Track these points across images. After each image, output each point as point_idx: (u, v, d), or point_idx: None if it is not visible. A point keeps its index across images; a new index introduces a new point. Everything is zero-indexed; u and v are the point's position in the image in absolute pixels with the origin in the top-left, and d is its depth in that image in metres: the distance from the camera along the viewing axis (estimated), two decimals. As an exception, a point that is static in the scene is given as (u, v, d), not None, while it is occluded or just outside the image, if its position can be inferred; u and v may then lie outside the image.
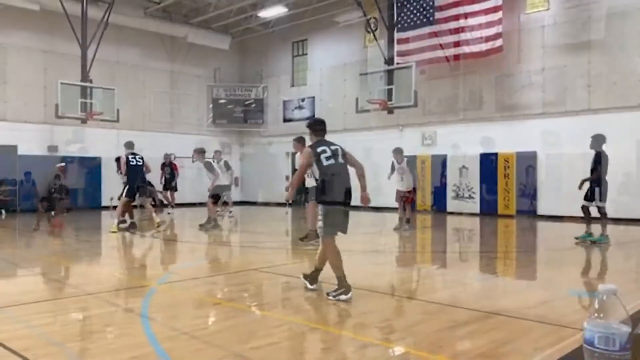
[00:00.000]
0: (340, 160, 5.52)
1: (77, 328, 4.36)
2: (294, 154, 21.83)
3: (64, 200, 15.37)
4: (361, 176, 5.64)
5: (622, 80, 13.77)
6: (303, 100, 21.77)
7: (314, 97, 21.32)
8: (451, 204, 16.92)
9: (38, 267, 7.54)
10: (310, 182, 7.96)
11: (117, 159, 12.54)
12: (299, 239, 9.48)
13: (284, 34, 21.99)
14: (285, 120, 22.46)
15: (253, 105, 23.20)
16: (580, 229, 9.64)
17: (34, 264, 7.83)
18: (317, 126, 5.76)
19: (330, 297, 5.16)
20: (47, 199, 14.78)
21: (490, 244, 10.34)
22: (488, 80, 16.13)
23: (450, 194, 17.05)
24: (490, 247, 9.99)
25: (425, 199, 17.65)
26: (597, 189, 9.32)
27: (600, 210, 9.21)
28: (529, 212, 15.28)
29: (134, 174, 11.49)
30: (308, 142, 6.04)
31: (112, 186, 19.21)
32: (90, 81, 17.16)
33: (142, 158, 11.81)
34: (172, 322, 4.36)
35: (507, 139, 15.70)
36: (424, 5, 16.87)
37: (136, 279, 6.34)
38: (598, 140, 9.71)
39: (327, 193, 5.35)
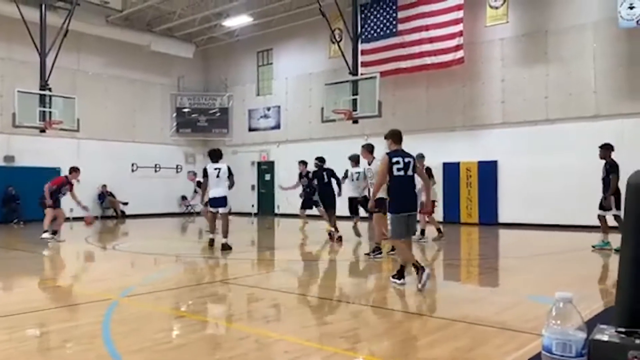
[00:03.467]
0: (410, 172, 6.25)
1: (35, 345, 4.22)
2: (259, 164, 21.79)
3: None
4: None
5: (578, 91, 14.25)
6: (269, 109, 21.75)
7: (279, 107, 21.33)
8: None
9: (-7, 282, 7.27)
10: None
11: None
12: (365, 254, 9.18)
13: (249, 43, 21.97)
14: (250, 130, 22.39)
15: (218, 114, 23.04)
16: (547, 236, 9.88)
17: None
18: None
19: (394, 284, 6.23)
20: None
21: (453, 252, 10.49)
22: (450, 91, 16.46)
23: (414, 202, 17.23)
24: (453, 255, 10.14)
25: (390, 208, 17.79)
26: (612, 198, 9.31)
27: (617, 218, 9.17)
28: (490, 220, 15.60)
29: None
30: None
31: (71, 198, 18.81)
32: (49, 89, 16.71)
33: None
34: (135, 336, 4.26)
35: (469, 148, 16.04)
36: (387, 17, 17.14)
37: (97, 292, 6.18)
38: (607, 149, 9.49)
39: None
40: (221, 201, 10.08)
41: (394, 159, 6.27)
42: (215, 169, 10.17)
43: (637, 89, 13.36)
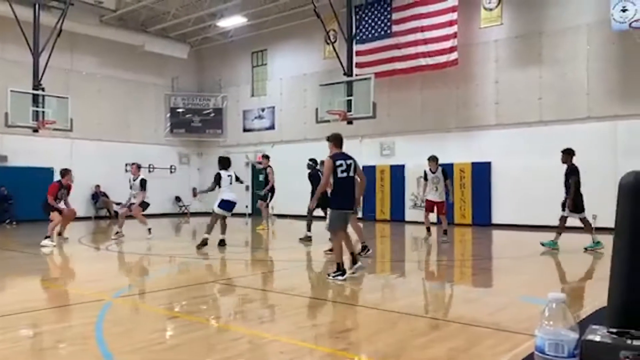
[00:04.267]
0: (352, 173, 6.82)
1: (28, 345, 4.20)
2: (253, 165, 21.76)
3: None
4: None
5: (571, 93, 14.33)
6: (263, 110, 21.74)
7: (274, 107, 21.32)
8: (409, 214, 17.16)
9: (-15, 283, 7.23)
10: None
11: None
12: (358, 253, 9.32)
13: (244, 44, 21.96)
14: (245, 130, 22.36)
15: (212, 114, 23.00)
16: (543, 236, 9.93)
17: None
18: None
19: (330, 278, 6.66)
20: None
21: (447, 252, 10.52)
22: (445, 92, 16.51)
23: (408, 203, 17.30)
24: (447, 255, 10.17)
25: (384, 209, 17.85)
26: (571, 201, 9.82)
27: (582, 220, 9.80)
28: (484, 221, 15.64)
29: None
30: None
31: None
32: (43, 89, 16.63)
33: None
34: (128, 337, 4.25)
35: (462, 149, 16.09)
36: (382, 18, 17.18)
37: (91, 292, 6.16)
38: (568, 154, 9.96)
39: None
40: (234, 205, 10.93)
41: (338, 162, 6.87)
42: (229, 175, 10.99)
43: (629, 91, 13.45)
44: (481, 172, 15.79)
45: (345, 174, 6.82)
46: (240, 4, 18.73)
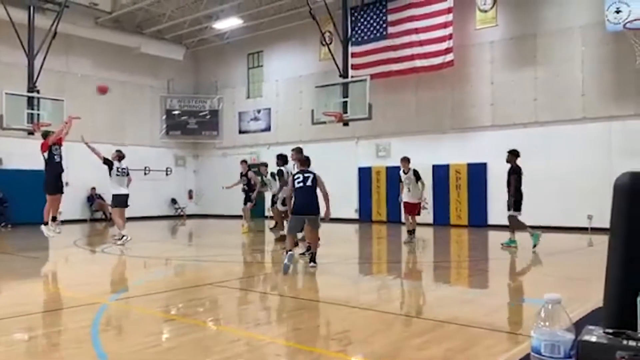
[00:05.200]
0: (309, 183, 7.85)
1: (23, 349, 4.18)
2: (250, 166, 21.73)
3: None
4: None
5: (566, 94, 14.38)
6: (259, 111, 21.73)
7: (270, 109, 21.31)
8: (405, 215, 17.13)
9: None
10: None
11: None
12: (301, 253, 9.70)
13: (240, 46, 21.95)
14: (241, 132, 22.35)
15: (208, 116, 22.97)
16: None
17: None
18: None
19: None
20: None
21: (443, 254, 10.54)
22: (440, 93, 16.53)
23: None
24: (443, 257, 10.17)
25: (380, 210, 17.86)
26: (512, 199, 10.40)
27: (512, 218, 10.35)
28: (480, 222, 15.67)
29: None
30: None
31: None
32: (38, 91, 16.57)
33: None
34: (124, 340, 4.24)
35: (458, 150, 16.12)
36: (377, 20, 17.21)
37: (87, 295, 6.14)
38: (513, 155, 10.56)
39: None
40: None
41: (296, 177, 8.11)
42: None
43: (624, 92, 13.51)
44: (477, 173, 15.81)
45: (301, 184, 7.92)
46: (236, 6, 18.73)
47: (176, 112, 22.76)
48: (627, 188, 1.47)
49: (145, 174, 21.75)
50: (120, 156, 12.01)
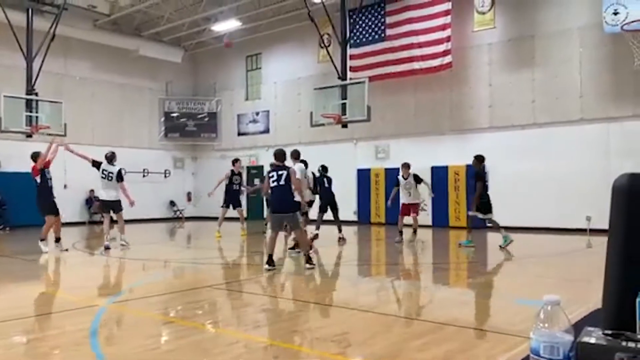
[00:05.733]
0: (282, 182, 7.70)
1: (22, 352, 4.17)
2: (249, 168, 21.76)
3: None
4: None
5: (564, 95, 14.41)
6: (257, 113, 21.74)
7: (268, 111, 21.32)
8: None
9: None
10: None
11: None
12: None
13: (238, 48, 21.94)
14: (239, 134, 22.35)
15: (206, 118, 22.98)
16: (539, 238, 9.96)
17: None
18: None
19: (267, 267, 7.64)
20: None
21: (442, 255, 10.54)
22: (438, 95, 16.56)
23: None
24: (442, 258, 10.18)
25: (379, 212, 17.86)
26: (478, 202, 10.79)
27: (481, 218, 10.93)
28: (479, 223, 15.64)
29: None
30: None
31: (58, 203, 18.63)
32: (36, 94, 16.58)
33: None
34: (122, 342, 4.23)
35: (457, 152, 16.12)
36: (376, 22, 17.23)
37: (85, 298, 6.13)
38: (479, 160, 11.02)
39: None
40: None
41: (270, 174, 7.94)
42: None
43: (622, 93, 13.54)
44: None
45: (275, 183, 7.80)
46: (234, 8, 18.75)
47: (175, 115, 22.77)
48: (625, 189, 1.47)
49: (143, 176, 21.76)
50: (107, 157, 11.50)
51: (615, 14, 12.83)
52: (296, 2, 17.54)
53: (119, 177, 11.32)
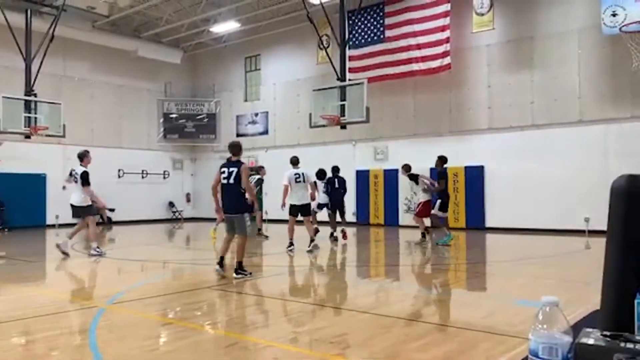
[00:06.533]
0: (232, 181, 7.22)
1: (20, 353, 4.17)
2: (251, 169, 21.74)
3: None
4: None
5: (563, 97, 14.42)
6: (256, 115, 21.74)
7: (267, 112, 21.33)
8: (403, 218, 17.18)
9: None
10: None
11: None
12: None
13: (237, 49, 21.97)
14: (238, 135, 22.33)
15: (205, 119, 22.98)
16: (539, 239, 9.96)
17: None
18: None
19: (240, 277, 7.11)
20: None
21: (441, 256, 10.52)
22: (437, 96, 16.57)
23: (402, 207, 17.32)
24: (441, 259, 10.17)
25: (378, 213, 17.86)
26: (438, 201, 11.28)
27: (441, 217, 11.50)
28: (477, 224, 15.68)
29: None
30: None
31: (57, 204, 18.63)
32: (35, 95, 16.57)
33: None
34: (122, 343, 4.23)
35: (456, 153, 16.10)
36: (375, 23, 17.25)
37: (83, 299, 6.12)
38: (441, 160, 11.50)
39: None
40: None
41: (221, 169, 7.46)
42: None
43: (620, 95, 13.55)
44: (474, 176, 15.84)
45: (225, 181, 7.34)
46: (233, 10, 18.76)
47: (174, 116, 22.77)
48: (623, 190, 1.48)
49: (142, 177, 21.77)
50: (78, 155, 10.44)
51: (614, 15, 12.85)
52: (295, 3, 17.56)
53: (84, 180, 9.95)
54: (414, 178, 12.26)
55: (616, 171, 1.78)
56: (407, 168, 12.38)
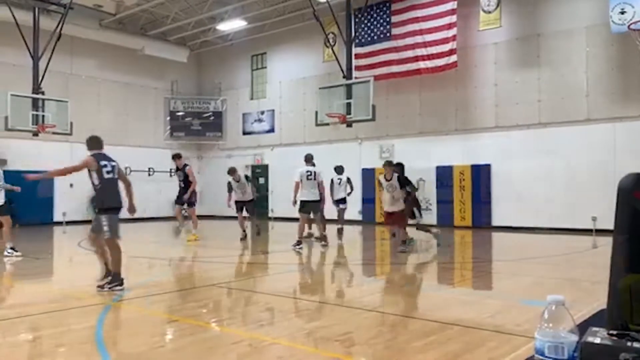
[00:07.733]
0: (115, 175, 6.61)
1: (27, 350, 4.19)
2: (253, 167, 21.78)
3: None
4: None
5: (570, 95, 14.34)
6: (262, 113, 21.75)
7: (273, 110, 21.34)
8: (409, 216, 17.14)
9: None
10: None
11: None
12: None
13: (243, 47, 21.99)
14: (244, 133, 22.38)
15: (212, 118, 23.01)
16: (543, 238, 9.92)
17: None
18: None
19: (106, 289, 6.17)
20: None
21: (446, 255, 10.51)
22: (444, 94, 16.52)
23: (408, 206, 17.27)
24: (446, 258, 10.15)
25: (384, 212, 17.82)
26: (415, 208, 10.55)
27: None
28: (484, 223, 15.63)
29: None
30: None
31: (65, 201, 18.72)
32: (42, 93, 16.66)
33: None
34: (128, 341, 4.25)
35: (462, 151, 16.10)
36: (381, 21, 17.21)
37: (90, 296, 6.15)
38: (401, 168, 10.78)
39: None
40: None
41: (102, 162, 6.59)
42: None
43: (628, 93, 13.47)
44: (481, 174, 15.79)
45: (109, 175, 6.59)
46: (240, 8, 18.77)
47: (180, 114, 22.82)
48: (630, 189, 1.47)
49: (149, 175, 21.84)
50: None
51: (623, 13, 12.76)
52: (301, 1, 17.55)
53: None
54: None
55: (624, 170, 1.77)
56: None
